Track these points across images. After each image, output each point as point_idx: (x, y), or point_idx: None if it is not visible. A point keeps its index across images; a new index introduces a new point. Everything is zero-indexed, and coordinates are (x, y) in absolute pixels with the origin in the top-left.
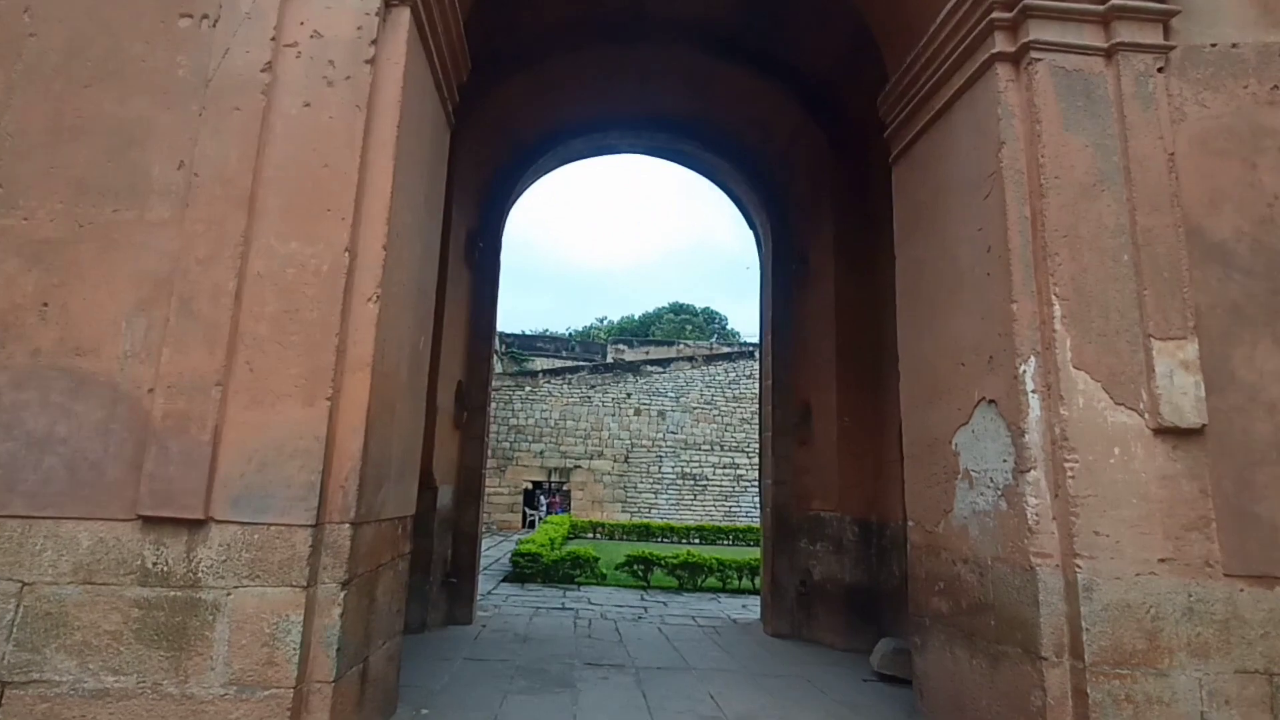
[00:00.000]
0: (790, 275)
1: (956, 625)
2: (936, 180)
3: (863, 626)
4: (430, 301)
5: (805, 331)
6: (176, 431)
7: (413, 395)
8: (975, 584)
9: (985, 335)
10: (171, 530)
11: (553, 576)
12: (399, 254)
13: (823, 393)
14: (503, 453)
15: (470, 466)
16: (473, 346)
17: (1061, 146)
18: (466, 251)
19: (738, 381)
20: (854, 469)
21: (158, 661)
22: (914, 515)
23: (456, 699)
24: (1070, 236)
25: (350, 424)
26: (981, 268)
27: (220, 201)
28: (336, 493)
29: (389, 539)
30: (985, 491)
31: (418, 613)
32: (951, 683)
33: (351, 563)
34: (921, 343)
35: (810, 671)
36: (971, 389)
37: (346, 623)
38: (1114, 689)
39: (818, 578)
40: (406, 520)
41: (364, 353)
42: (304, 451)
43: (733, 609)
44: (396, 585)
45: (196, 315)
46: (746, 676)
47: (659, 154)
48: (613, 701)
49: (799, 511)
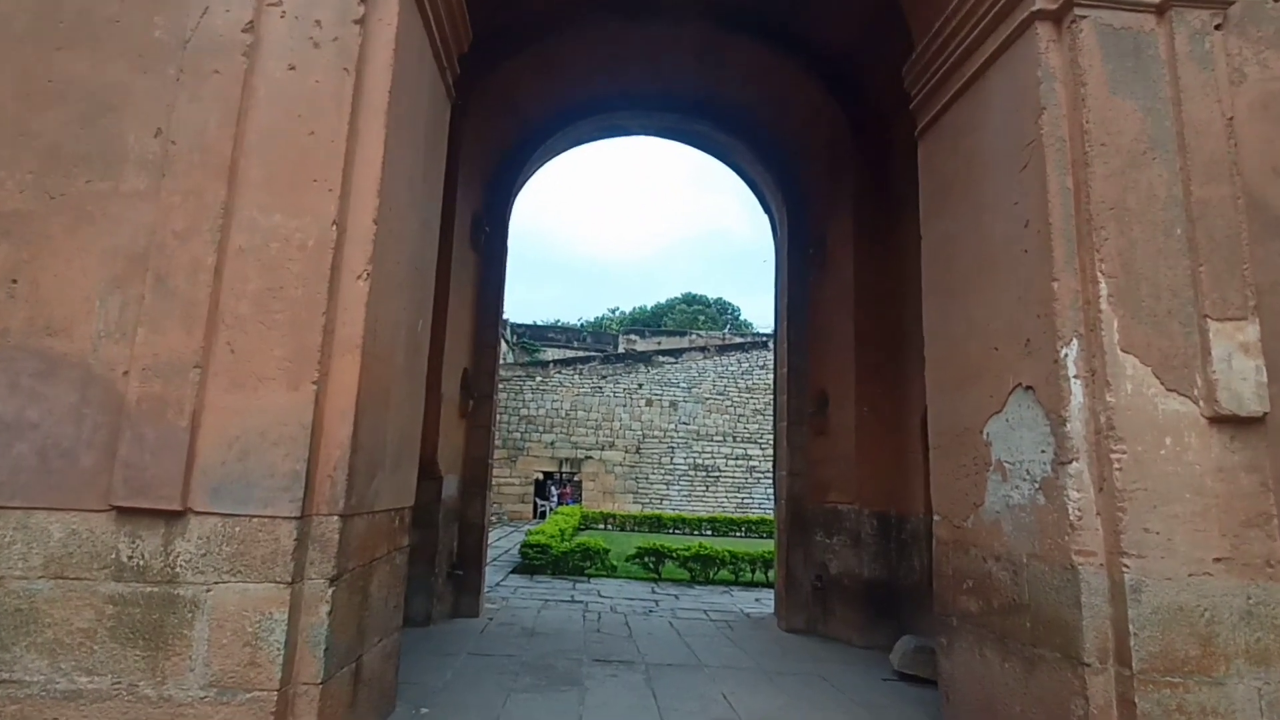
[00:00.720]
0: (807, 260)
1: (987, 626)
2: (968, 152)
3: (881, 623)
4: (429, 283)
5: (822, 318)
6: (152, 416)
7: (410, 380)
8: (1008, 583)
9: (1022, 317)
10: (148, 522)
11: (562, 568)
12: (392, 229)
13: (840, 381)
14: (513, 443)
15: (476, 456)
16: (479, 333)
17: (1108, 111)
18: (472, 235)
19: (750, 372)
20: (873, 460)
21: (133, 661)
22: (940, 509)
23: (458, 698)
24: (1118, 209)
25: (339, 409)
26: (1018, 244)
27: (198, 171)
28: (324, 483)
29: (384, 532)
30: (1020, 484)
31: (422, 606)
32: (981, 686)
33: (341, 557)
34: (950, 326)
35: (827, 670)
36: (1006, 375)
37: (336, 621)
38: (1164, 699)
39: (834, 572)
40: (404, 512)
41: (353, 333)
42: (289, 438)
43: (745, 603)
44: (394, 580)
45: (173, 292)
46: (761, 675)
47: (670, 135)
48: (621, 701)
49: (815, 504)
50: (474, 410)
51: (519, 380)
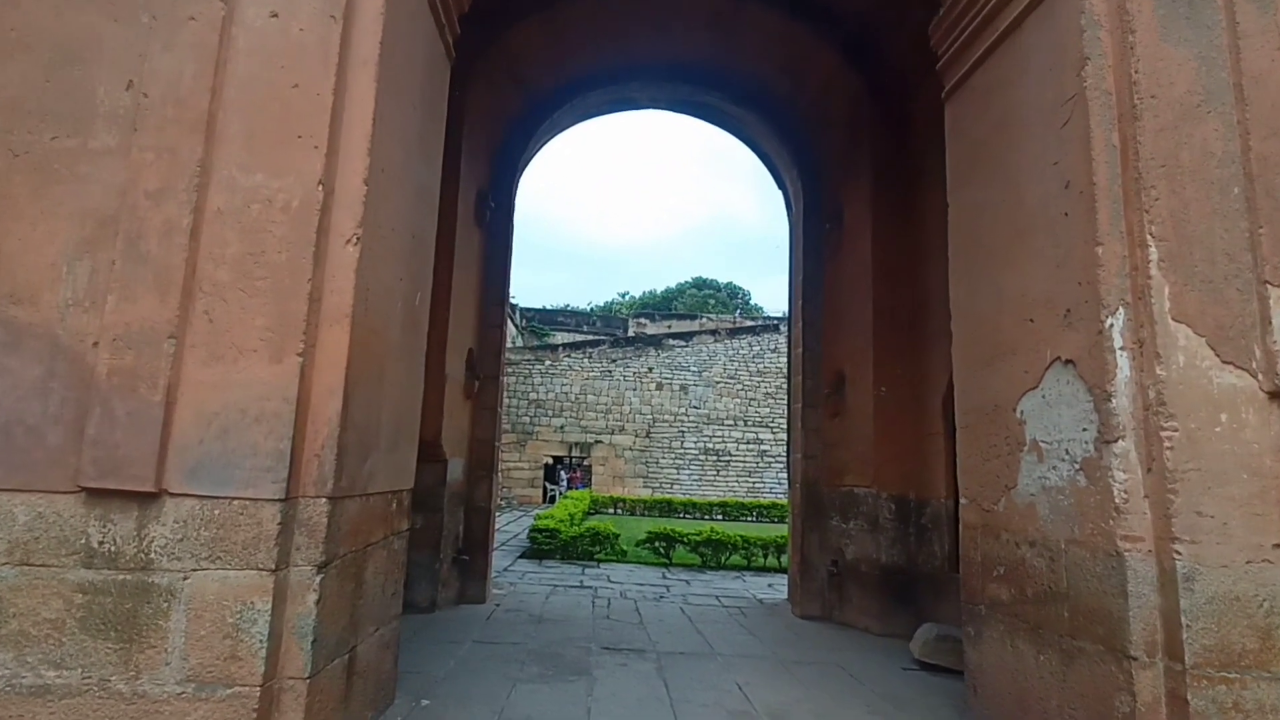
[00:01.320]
0: (823, 235)
1: (1019, 616)
2: (1000, 112)
3: (899, 610)
4: (428, 254)
5: (839, 296)
6: (124, 391)
7: (408, 357)
8: (1044, 570)
9: (1061, 286)
10: (119, 504)
11: (572, 553)
12: (385, 192)
13: (858, 361)
14: (523, 427)
15: (483, 438)
16: (484, 312)
17: (1158, 61)
18: (477, 211)
19: (762, 355)
20: (891, 442)
21: (105, 654)
22: (968, 492)
23: (461, 688)
24: (1169, 166)
25: (327, 384)
26: (1057, 207)
27: (172, 126)
28: (311, 463)
29: (380, 515)
30: (1058, 465)
31: (427, 592)
32: (1013, 679)
33: (330, 543)
34: (979, 299)
35: (845, 658)
36: (1042, 348)
37: (325, 611)
38: (1219, 695)
39: (851, 558)
40: (403, 495)
41: (342, 302)
42: (271, 415)
43: (758, 588)
44: (391, 566)
45: (146, 257)
46: (776, 664)
47: (681, 108)
48: (631, 692)
49: (831, 487)
50: (480, 391)
51: (528, 364)
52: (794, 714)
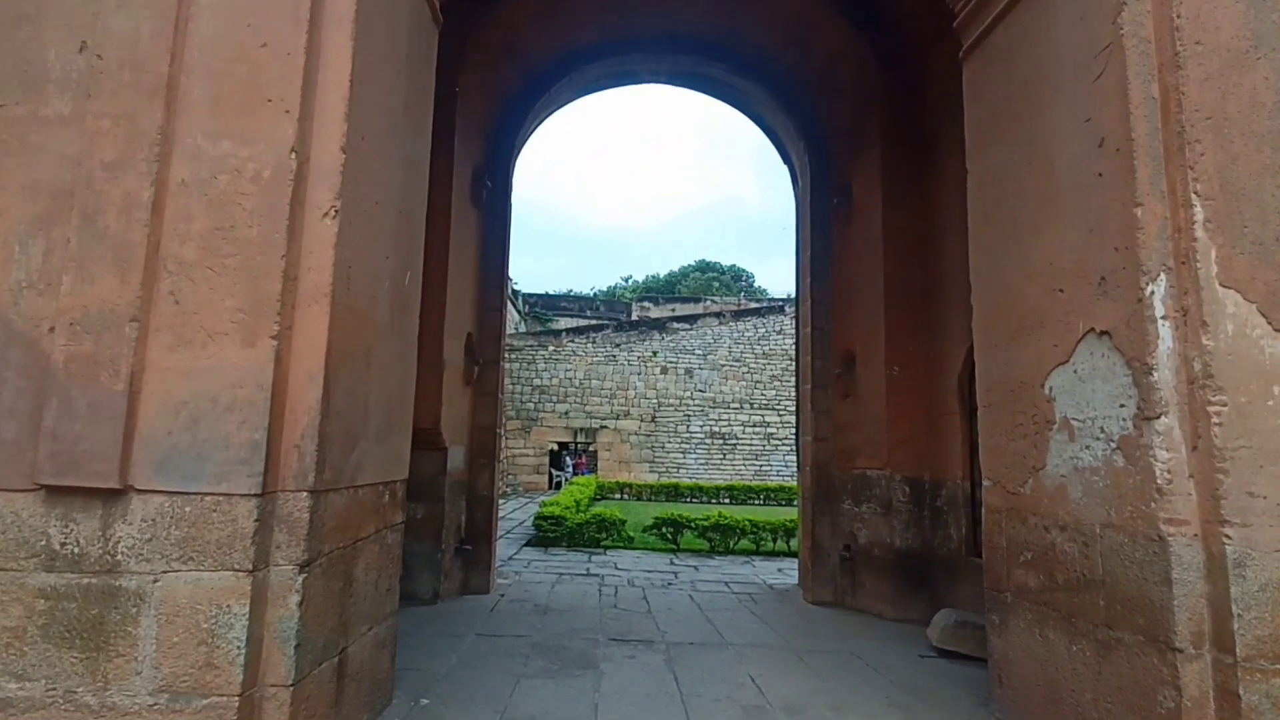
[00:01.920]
0: (831, 211)
1: (1049, 604)
2: (1025, 69)
3: (914, 595)
4: (417, 232)
5: (849, 273)
6: (83, 379)
7: (398, 340)
8: (1077, 556)
9: (1094, 252)
10: (82, 502)
11: (578, 540)
12: (366, 162)
13: (869, 340)
14: (527, 414)
15: (484, 425)
16: (483, 295)
17: (1203, 4)
18: (473, 191)
19: (767, 337)
20: (904, 423)
21: (70, 664)
22: (991, 474)
23: (462, 685)
24: (1215, 119)
25: (305, 369)
26: (1089, 168)
27: (130, 91)
28: (290, 454)
29: (371, 508)
30: (1092, 444)
31: (429, 583)
32: (1043, 670)
33: (313, 539)
34: (1002, 270)
35: (860, 646)
36: (1073, 320)
37: (309, 612)
38: (1274, 690)
39: (863, 542)
40: (396, 485)
41: (320, 281)
42: (245, 403)
43: (768, 573)
44: (385, 561)
45: (104, 234)
46: (789, 653)
47: (683, 82)
48: (639, 686)
49: (842, 470)
50: (480, 377)
51: (531, 349)
52: (810, 708)
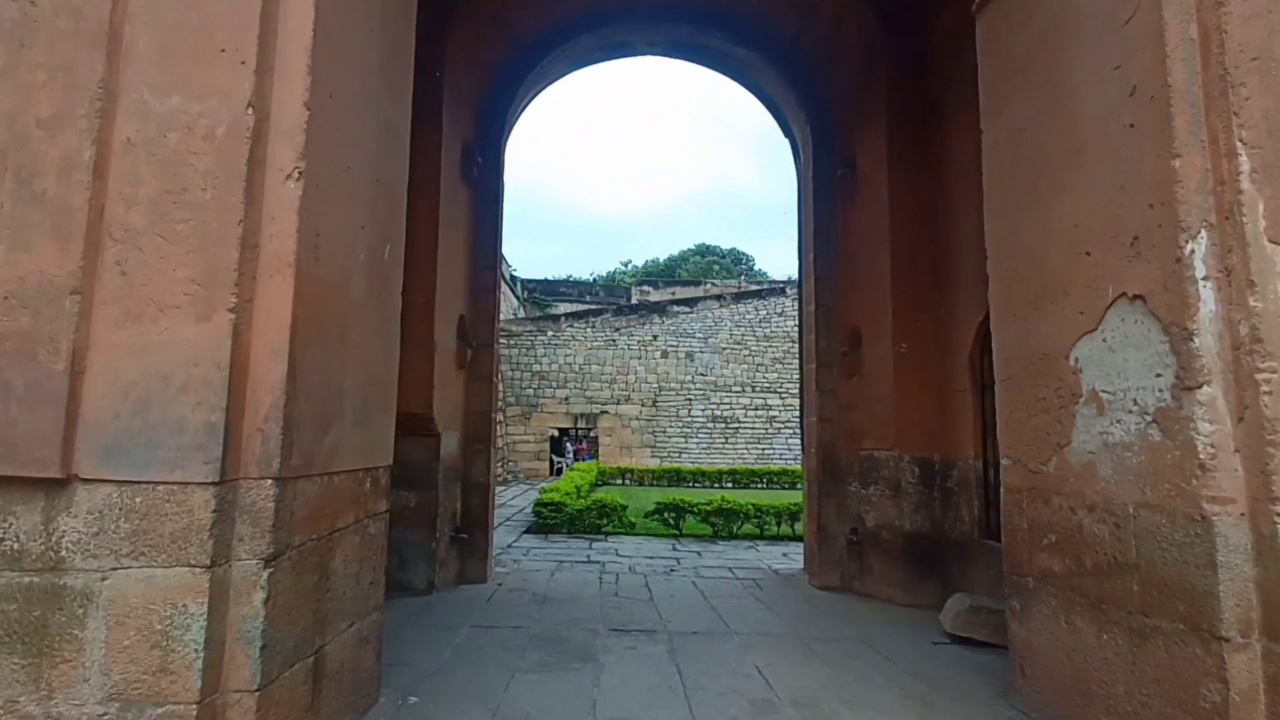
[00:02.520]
0: (834, 183)
1: (1076, 589)
2: (1044, 19)
3: (925, 579)
4: (397, 203)
5: (854, 248)
6: (19, 358)
7: (378, 317)
8: (1107, 538)
9: (1126, 210)
10: (21, 494)
11: (578, 526)
12: (336, 122)
13: (875, 317)
14: (526, 400)
15: (478, 410)
16: (475, 276)
17: None
18: (463, 167)
19: (769, 320)
20: (913, 401)
21: (11, 671)
22: (1011, 452)
23: (455, 680)
24: (1262, 59)
25: (269, 345)
26: (1119, 119)
27: (68, 40)
28: (252, 439)
29: (349, 496)
30: (1124, 418)
31: (423, 573)
32: (1069, 659)
33: (280, 531)
34: (1022, 234)
35: (870, 633)
36: (1102, 284)
37: (277, 610)
38: None
39: (871, 525)
40: (379, 472)
41: (284, 249)
42: (200, 383)
43: (773, 558)
44: (368, 552)
45: (41, 198)
46: (797, 642)
47: (680, 53)
48: (640, 680)
49: (849, 451)
50: (473, 360)
51: (530, 335)
52: (821, 700)
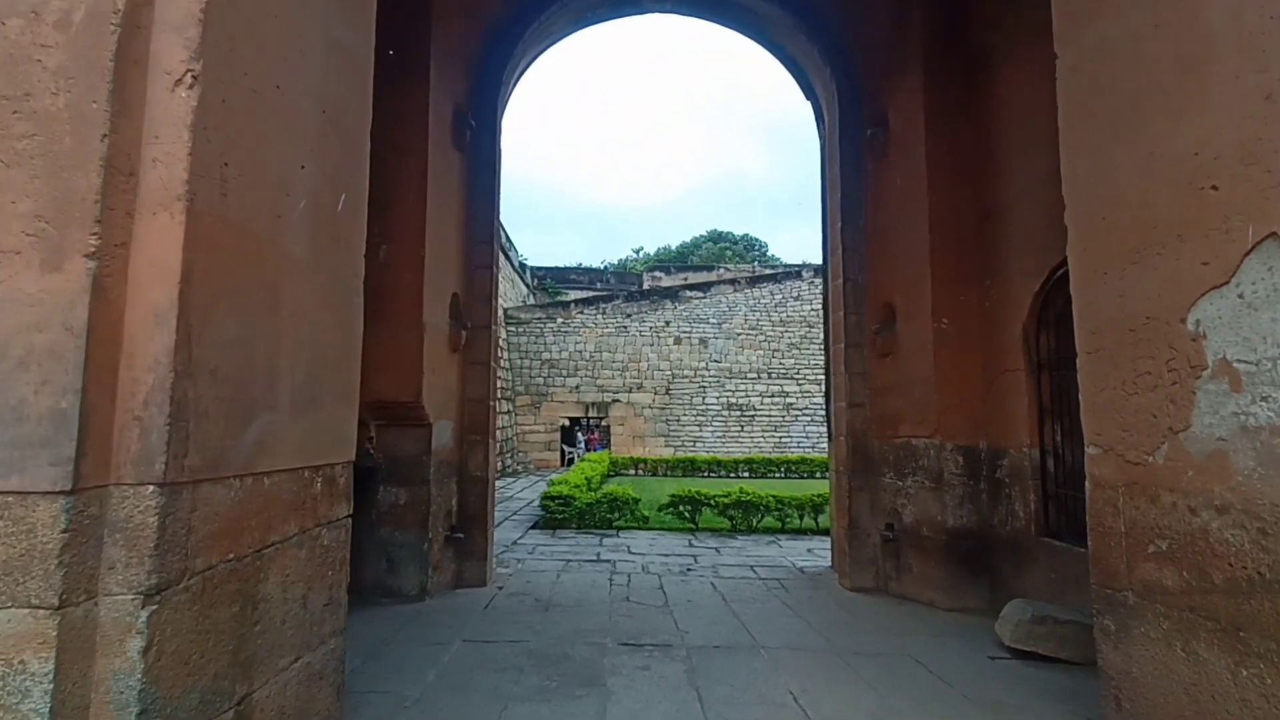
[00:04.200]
0: (863, 144)
1: (1198, 610)
2: None
3: (971, 581)
4: (357, 145)
5: (885, 214)
6: None
7: (328, 280)
8: (1248, 547)
9: (1274, 127)
10: None
11: (588, 521)
12: (251, 22)
13: (911, 290)
14: (536, 389)
15: (475, 398)
16: (470, 251)
17: None
18: (454, 131)
19: (784, 304)
20: (956, 383)
21: None
22: (1101, 439)
23: (436, 713)
24: None
25: (150, 305)
26: (1264, 8)
27: None
28: (126, 430)
29: (289, 502)
30: (1273, 395)
31: (415, 577)
32: (1187, 697)
33: (170, 553)
34: (1113, 173)
35: (916, 646)
36: (1236, 224)
37: (165, 660)
38: None
39: (909, 520)
40: (334, 470)
41: (172, 177)
42: (46, 354)
43: (797, 554)
44: (320, 568)
45: None
46: (834, 658)
47: (692, 10)
48: (655, 710)
49: (883, 439)
50: (469, 344)
51: (539, 322)
52: None
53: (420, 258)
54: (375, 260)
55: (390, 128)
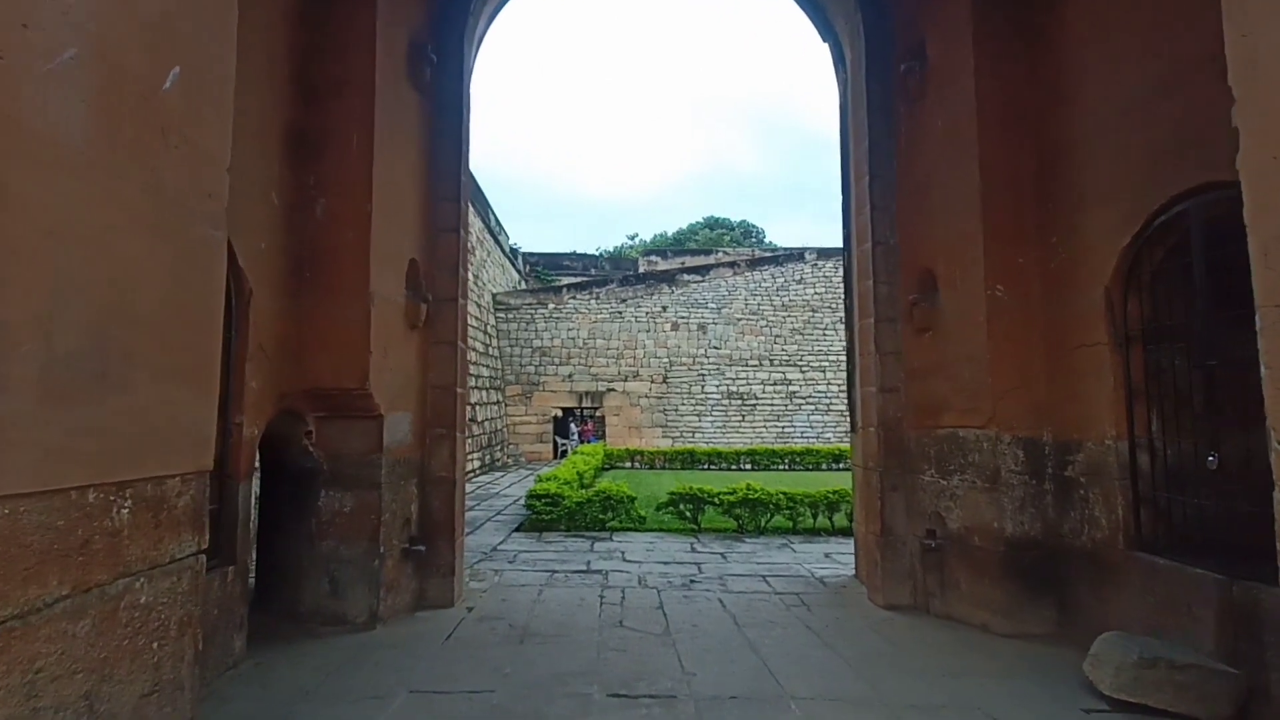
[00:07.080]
0: (896, 84)
1: None
2: None
3: (1035, 602)
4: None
5: (923, 166)
6: None
7: (143, 194)
8: None
9: None
10: None
11: (578, 522)
12: None
13: (957, 253)
14: (527, 378)
15: (440, 384)
16: (433, 209)
17: None
18: (410, 66)
19: (786, 288)
20: (1015, 363)
21: None
22: None
23: None
24: None
25: None
26: None
27: None
28: None
29: (50, 545)
30: None
31: (362, 602)
32: None
33: None
34: None
35: (985, 694)
36: None
37: None
38: None
39: (955, 526)
40: (164, 485)
41: None
42: None
43: (813, 560)
44: (128, 644)
45: None
46: (881, 713)
47: None
48: None
49: (921, 429)
50: (431, 320)
51: (529, 308)
52: None
53: (366, 213)
54: (311, 217)
55: (328, 59)
